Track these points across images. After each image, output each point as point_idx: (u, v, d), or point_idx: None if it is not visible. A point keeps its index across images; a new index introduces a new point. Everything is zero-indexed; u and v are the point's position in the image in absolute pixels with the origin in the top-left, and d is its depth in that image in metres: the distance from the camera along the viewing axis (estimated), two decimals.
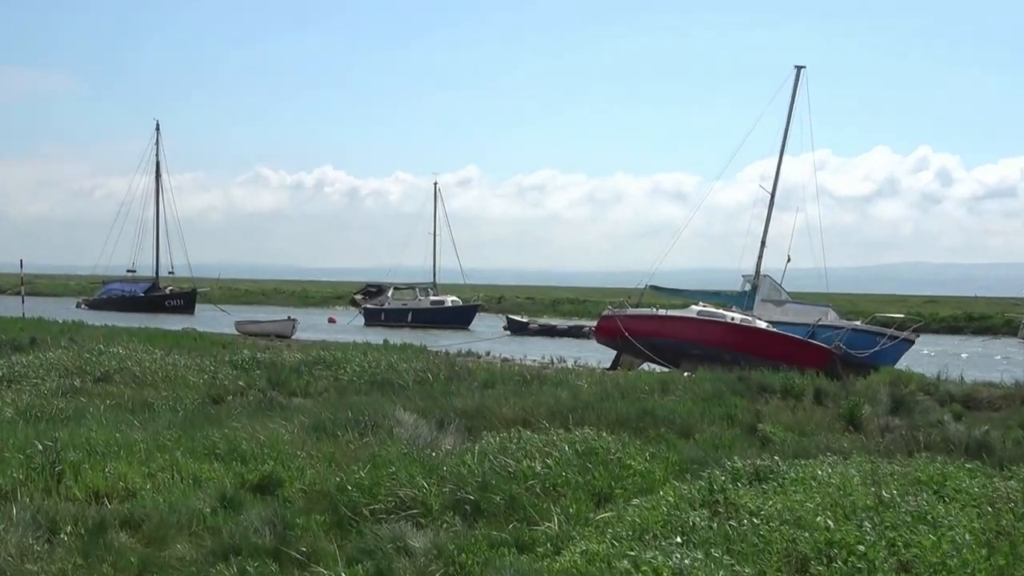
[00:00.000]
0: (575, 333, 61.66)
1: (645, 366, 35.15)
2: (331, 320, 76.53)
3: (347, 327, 67.40)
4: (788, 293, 41.04)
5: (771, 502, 10.43)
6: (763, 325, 36.09)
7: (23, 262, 57.67)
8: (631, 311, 38.95)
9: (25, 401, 18.61)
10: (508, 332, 62.63)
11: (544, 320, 71.25)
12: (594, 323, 65.89)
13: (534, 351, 41.23)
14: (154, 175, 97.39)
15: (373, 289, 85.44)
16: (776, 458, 13.05)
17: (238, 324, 56.20)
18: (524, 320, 68.25)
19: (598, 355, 38.64)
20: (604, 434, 14.35)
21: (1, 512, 10.47)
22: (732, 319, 36.25)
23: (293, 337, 49.41)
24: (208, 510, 10.97)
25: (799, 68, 41.29)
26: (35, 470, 12.03)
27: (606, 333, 38.53)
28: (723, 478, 11.61)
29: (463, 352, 34.76)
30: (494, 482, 11.43)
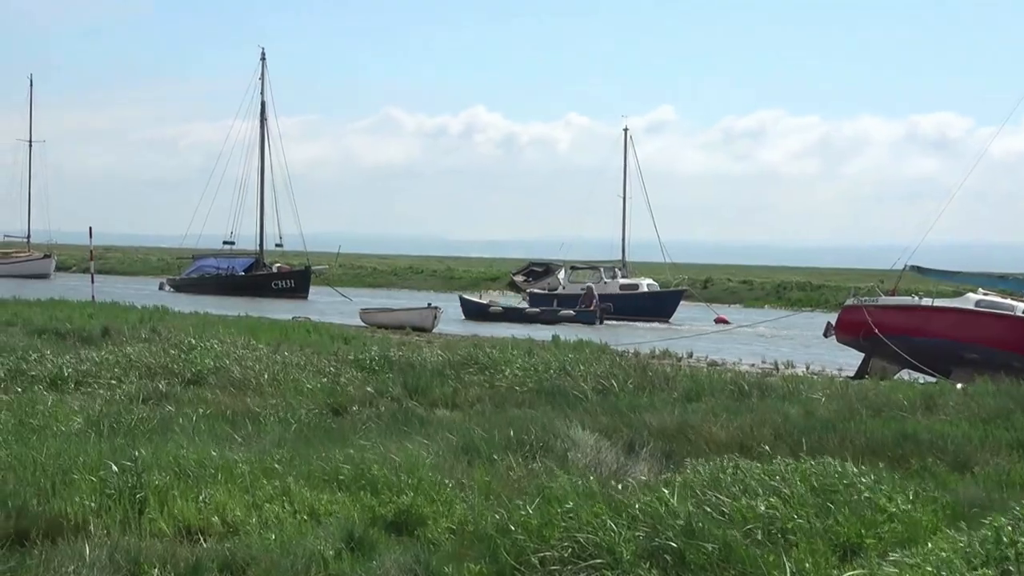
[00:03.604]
0: (548, 318, 62.13)
1: (903, 374, 34.60)
2: None
3: None
4: None
5: None
6: None
7: (92, 231, 58.39)
8: (884, 300, 38.35)
9: (97, 409, 19.13)
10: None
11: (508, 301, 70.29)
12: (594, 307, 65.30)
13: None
14: (259, 120, 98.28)
15: (539, 268, 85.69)
16: None
17: (364, 313, 57.12)
18: (484, 302, 67.35)
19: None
20: (849, 465, 14.17)
21: (71, 549, 10.84)
22: None
23: (435, 330, 50.05)
24: (331, 553, 11.19)
25: None
26: (111, 497, 12.42)
27: (850, 330, 38.03)
28: (1012, 527, 11.35)
29: (658, 352, 34.71)
30: (703, 525, 11.38)
